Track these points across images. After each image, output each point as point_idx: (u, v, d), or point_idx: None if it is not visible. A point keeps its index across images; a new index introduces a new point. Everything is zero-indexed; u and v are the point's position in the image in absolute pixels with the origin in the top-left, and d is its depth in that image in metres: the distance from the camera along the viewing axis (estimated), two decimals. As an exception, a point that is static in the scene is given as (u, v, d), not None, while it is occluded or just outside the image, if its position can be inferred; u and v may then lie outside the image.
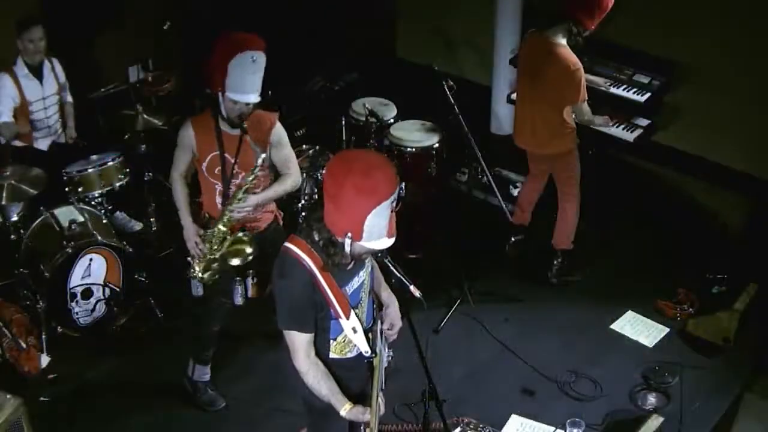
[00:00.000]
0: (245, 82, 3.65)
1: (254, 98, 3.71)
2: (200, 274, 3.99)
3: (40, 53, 5.05)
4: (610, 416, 4.23)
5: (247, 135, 3.77)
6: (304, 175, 4.98)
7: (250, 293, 5.07)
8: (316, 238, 2.78)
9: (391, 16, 7.57)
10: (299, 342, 2.85)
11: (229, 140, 3.82)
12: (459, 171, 6.02)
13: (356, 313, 2.93)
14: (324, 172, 2.78)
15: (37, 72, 5.11)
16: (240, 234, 3.94)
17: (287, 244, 2.83)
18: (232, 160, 3.84)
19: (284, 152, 3.97)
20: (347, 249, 2.71)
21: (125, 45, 6.44)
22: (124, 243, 4.77)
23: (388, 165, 2.67)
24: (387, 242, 2.72)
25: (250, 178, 3.82)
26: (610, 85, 5.32)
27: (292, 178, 4.00)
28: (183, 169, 4.00)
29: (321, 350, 2.94)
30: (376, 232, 2.67)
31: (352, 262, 2.87)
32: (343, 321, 2.89)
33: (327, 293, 2.81)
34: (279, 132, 3.92)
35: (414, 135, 5.26)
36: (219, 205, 3.94)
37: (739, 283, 4.87)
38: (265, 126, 3.87)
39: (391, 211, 2.69)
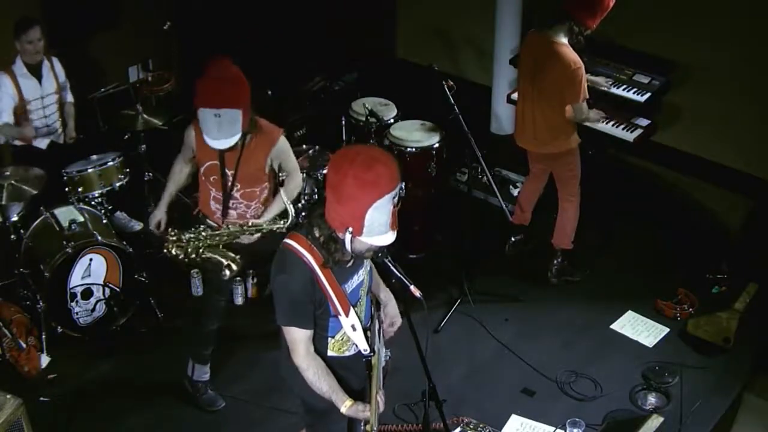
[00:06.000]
0: (212, 131, 3.67)
1: (220, 144, 3.70)
2: (171, 249, 3.90)
3: (39, 53, 5.05)
4: (610, 416, 4.22)
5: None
6: (305, 174, 4.98)
7: (250, 293, 5.10)
8: (317, 235, 2.78)
9: (391, 16, 7.57)
10: (299, 338, 2.85)
11: (229, 154, 3.84)
12: (459, 171, 6.02)
13: (355, 311, 2.93)
14: (327, 165, 2.77)
15: (36, 71, 5.10)
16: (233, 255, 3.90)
17: (287, 240, 2.83)
18: (231, 173, 3.87)
19: (290, 164, 4.04)
20: (348, 245, 2.71)
21: (125, 45, 6.44)
22: (124, 243, 4.77)
23: (390, 160, 2.66)
24: (388, 238, 2.71)
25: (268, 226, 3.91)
26: (610, 85, 5.32)
27: (295, 181, 4.08)
28: (185, 159, 4.12)
29: (319, 348, 2.93)
30: (377, 227, 2.66)
31: (352, 260, 2.87)
32: (342, 318, 2.88)
33: (327, 290, 2.80)
34: (281, 147, 3.95)
35: (414, 135, 5.26)
36: (212, 208, 3.99)
37: (739, 283, 4.86)
38: (269, 141, 3.91)
39: (393, 207, 2.68)
